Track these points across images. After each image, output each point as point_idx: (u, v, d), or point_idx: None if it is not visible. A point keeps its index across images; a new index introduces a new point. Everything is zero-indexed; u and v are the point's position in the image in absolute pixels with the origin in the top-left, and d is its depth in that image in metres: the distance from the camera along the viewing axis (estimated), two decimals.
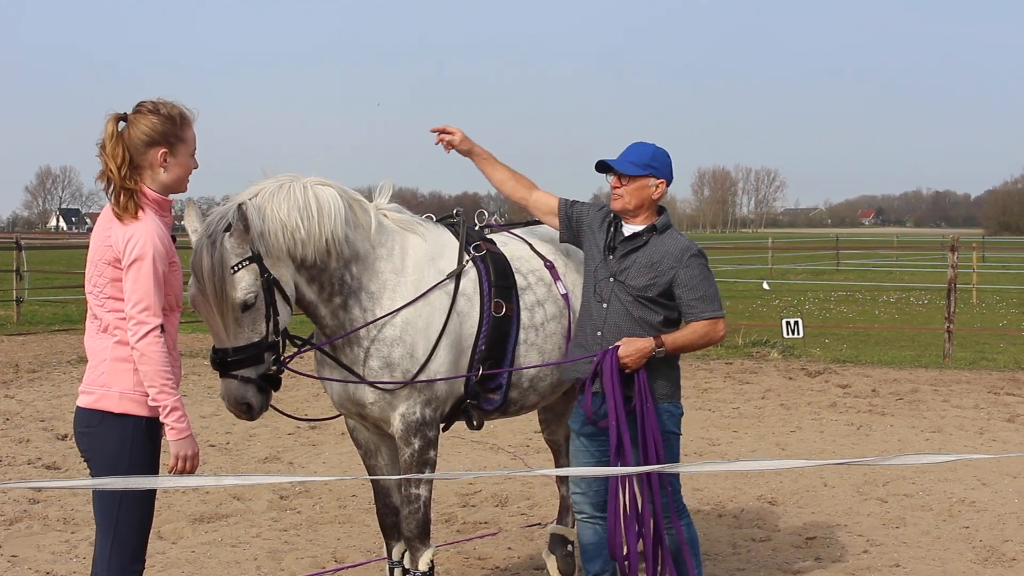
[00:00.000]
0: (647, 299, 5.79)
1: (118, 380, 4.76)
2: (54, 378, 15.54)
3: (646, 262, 5.82)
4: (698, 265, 5.79)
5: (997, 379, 15.91)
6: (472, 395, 6.01)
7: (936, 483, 9.68)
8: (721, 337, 5.86)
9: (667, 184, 5.94)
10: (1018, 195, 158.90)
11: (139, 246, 4.65)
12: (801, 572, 7.44)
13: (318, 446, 11.22)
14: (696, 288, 5.75)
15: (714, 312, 5.76)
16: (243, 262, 5.15)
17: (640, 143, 5.98)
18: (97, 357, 4.82)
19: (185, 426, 4.77)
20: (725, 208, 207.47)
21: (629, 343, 5.69)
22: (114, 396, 4.76)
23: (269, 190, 5.42)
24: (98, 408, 4.78)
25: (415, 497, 5.86)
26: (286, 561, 7.59)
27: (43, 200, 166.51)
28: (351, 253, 5.63)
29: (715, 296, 5.82)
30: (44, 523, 8.33)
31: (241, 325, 5.19)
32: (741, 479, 9.67)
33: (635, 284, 5.81)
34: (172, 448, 4.76)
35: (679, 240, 5.89)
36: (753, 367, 17.21)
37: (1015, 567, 7.52)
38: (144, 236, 4.67)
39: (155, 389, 4.67)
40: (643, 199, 5.88)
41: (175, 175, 4.87)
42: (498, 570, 7.51)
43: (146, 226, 4.70)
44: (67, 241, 59.65)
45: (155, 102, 4.86)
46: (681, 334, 5.78)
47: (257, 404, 5.31)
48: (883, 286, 38.17)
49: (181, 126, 4.86)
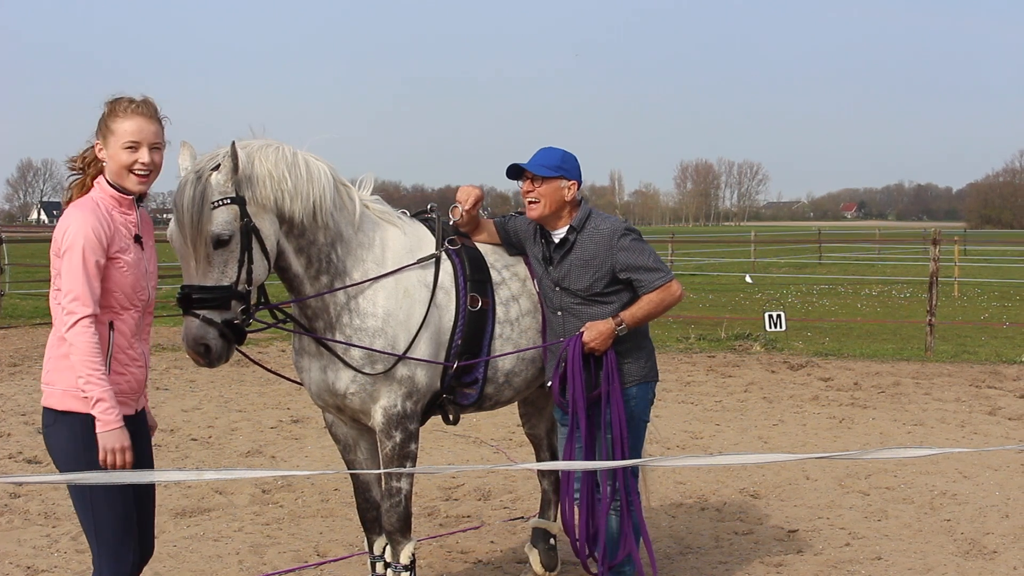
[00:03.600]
0: (595, 295, 5.93)
1: (60, 377, 4.72)
2: (35, 372, 15.44)
3: (579, 262, 5.93)
4: (630, 242, 5.89)
5: (979, 372, 15.97)
6: (448, 390, 6.02)
7: (918, 476, 9.71)
8: (679, 297, 5.92)
9: (578, 186, 6.02)
10: (1000, 188, 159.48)
11: (69, 236, 4.64)
12: (783, 565, 7.46)
13: (300, 440, 11.19)
14: (636, 264, 5.86)
15: (662, 278, 5.85)
16: (225, 200, 5.15)
17: (548, 148, 6.05)
18: (46, 353, 4.82)
19: (112, 417, 4.63)
20: (708, 201, 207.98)
21: (592, 327, 5.84)
22: (57, 393, 4.73)
23: (257, 144, 5.44)
24: (46, 406, 4.78)
25: (396, 491, 5.86)
26: (268, 555, 7.57)
27: (24, 193, 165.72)
28: (336, 232, 5.64)
29: (656, 262, 5.90)
30: (25, 517, 8.29)
31: (211, 263, 5.14)
32: (723, 472, 9.68)
33: (578, 287, 5.94)
34: (99, 440, 4.65)
35: (601, 226, 5.96)
36: (736, 360, 17.23)
37: (996, 559, 7.56)
38: (76, 226, 4.65)
39: (83, 379, 4.59)
40: (558, 201, 5.96)
41: (111, 168, 4.82)
42: (480, 563, 7.50)
43: (81, 216, 4.68)
44: (49, 234, 59.25)
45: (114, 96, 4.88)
46: (638, 307, 5.88)
47: (216, 349, 5.17)
48: (865, 279, 38.27)
49: (108, 116, 4.81)
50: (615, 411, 5.86)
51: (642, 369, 6.05)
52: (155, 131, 4.85)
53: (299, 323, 5.81)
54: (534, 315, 6.31)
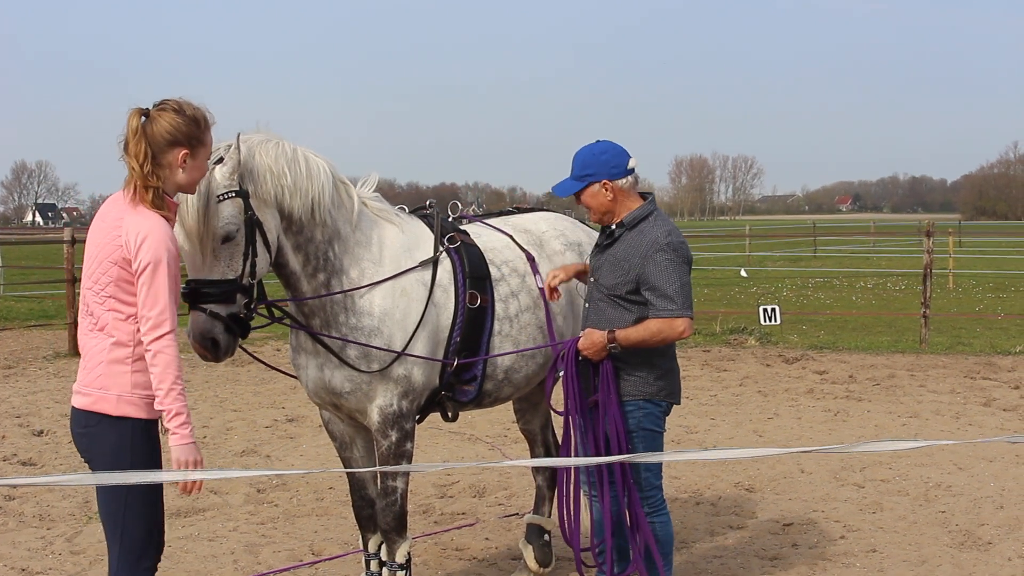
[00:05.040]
0: (618, 297, 5.68)
1: (115, 383, 4.65)
2: (30, 374, 15.46)
3: (614, 259, 5.72)
4: (663, 260, 5.54)
5: (973, 364, 15.98)
6: (447, 387, 6.01)
7: (912, 468, 9.72)
8: (680, 335, 5.56)
9: (611, 179, 5.72)
10: (994, 180, 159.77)
11: (154, 249, 4.52)
12: (779, 558, 7.46)
13: (296, 439, 11.19)
14: (656, 285, 5.53)
15: (671, 311, 5.49)
16: (229, 193, 5.16)
17: (577, 152, 5.83)
18: (94, 358, 4.68)
19: (188, 432, 4.63)
20: (703, 196, 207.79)
21: (588, 335, 5.65)
22: (112, 399, 4.66)
23: (257, 139, 5.44)
24: (95, 410, 4.69)
25: (392, 489, 5.85)
26: (263, 554, 7.57)
27: (19, 195, 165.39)
28: (334, 230, 5.64)
29: (677, 293, 5.51)
30: (20, 520, 8.29)
31: (218, 257, 5.16)
32: (718, 466, 9.68)
33: (606, 283, 5.74)
34: (173, 453, 4.66)
35: (649, 233, 5.64)
36: (731, 354, 17.24)
37: (991, 551, 7.56)
38: (158, 239, 4.53)
39: (162, 392, 4.55)
40: (603, 204, 5.75)
41: (191, 178, 4.75)
42: (475, 561, 7.50)
43: (160, 228, 4.56)
44: (43, 236, 59.25)
45: (179, 101, 4.72)
46: (635, 330, 5.55)
47: (223, 343, 5.22)
48: (860, 272, 38.29)
49: (203, 129, 4.73)
50: (611, 423, 5.64)
51: (645, 386, 5.73)
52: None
53: (296, 320, 5.81)
54: (534, 311, 6.28)
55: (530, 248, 6.45)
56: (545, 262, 6.43)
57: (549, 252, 6.50)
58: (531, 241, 6.50)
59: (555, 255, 6.51)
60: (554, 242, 6.59)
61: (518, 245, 6.42)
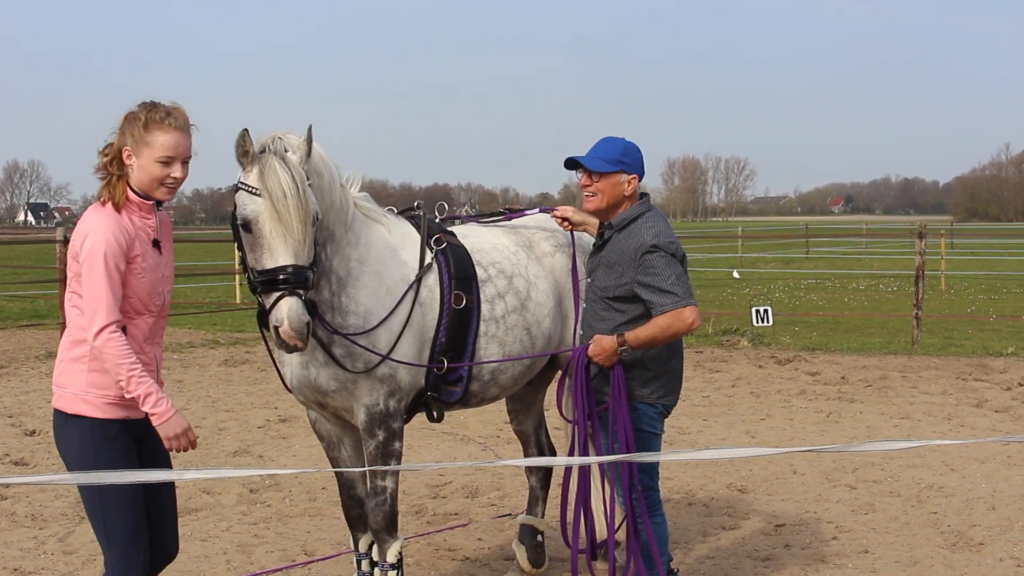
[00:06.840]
0: (612, 299, 5.70)
1: (71, 380, 4.69)
2: (22, 373, 15.44)
3: (607, 262, 5.75)
4: (654, 260, 5.54)
5: (965, 365, 16.00)
6: (433, 387, 5.99)
7: (905, 469, 9.73)
8: (690, 326, 5.51)
9: (639, 179, 5.79)
10: (986, 182, 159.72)
11: (90, 242, 4.56)
12: (771, 559, 7.47)
13: (288, 439, 11.18)
14: (651, 284, 5.53)
15: (674, 303, 5.47)
16: (310, 182, 5.21)
17: (609, 138, 5.83)
18: (59, 355, 4.77)
19: (165, 407, 4.61)
20: (695, 197, 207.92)
21: (597, 341, 5.64)
22: (67, 396, 4.70)
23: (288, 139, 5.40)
24: (57, 408, 4.75)
25: (381, 489, 5.83)
26: (256, 555, 7.57)
27: (11, 195, 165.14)
28: (330, 232, 5.61)
29: (675, 286, 5.50)
30: (12, 519, 8.28)
31: (305, 244, 5.12)
32: (711, 467, 9.70)
33: (600, 285, 5.77)
34: (160, 433, 4.65)
35: (637, 236, 5.63)
36: (723, 355, 17.25)
37: (982, 551, 7.58)
38: (97, 232, 4.57)
39: (123, 383, 4.56)
40: (616, 195, 5.75)
41: (139, 178, 4.72)
42: (468, 561, 7.50)
43: (102, 221, 4.60)
44: (36, 236, 59.10)
45: (146, 102, 4.75)
46: (644, 329, 5.54)
47: (311, 329, 5.21)
48: (852, 273, 38.35)
49: (145, 128, 4.68)
50: (622, 428, 5.64)
51: (642, 387, 5.75)
52: (188, 145, 4.77)
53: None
54: (520, 312, 6.26)
55: (519, 248, 6.45)
56: (535, 264, 6.42)
57: (539, 253, 6.49)
58: (521, 242, 6.49)
59: (544, 256, 6.50)
60: (544, 243, 6.57)
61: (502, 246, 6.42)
